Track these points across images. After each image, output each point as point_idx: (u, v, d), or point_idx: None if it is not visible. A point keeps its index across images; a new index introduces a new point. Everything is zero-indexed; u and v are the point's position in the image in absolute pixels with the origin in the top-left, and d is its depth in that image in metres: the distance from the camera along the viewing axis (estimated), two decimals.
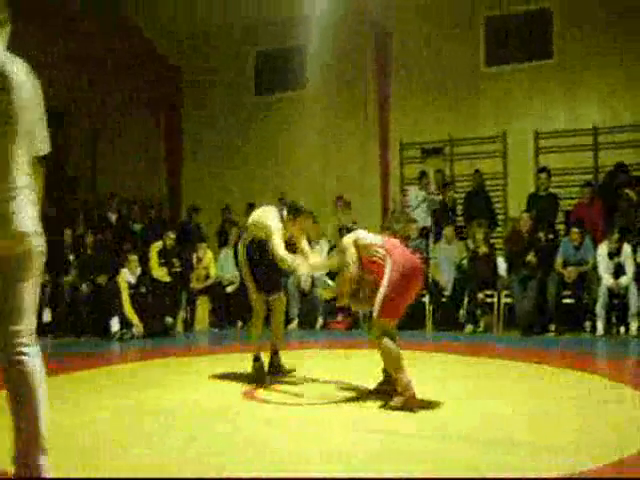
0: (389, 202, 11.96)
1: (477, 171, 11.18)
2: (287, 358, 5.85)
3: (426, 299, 9.51)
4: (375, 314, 4.44)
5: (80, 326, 9.47)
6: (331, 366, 5.75)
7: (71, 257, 10.08)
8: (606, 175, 10.48)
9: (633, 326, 8.31)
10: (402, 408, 4.25)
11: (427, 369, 5.79)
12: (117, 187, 12.86)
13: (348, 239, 4.75)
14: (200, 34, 13.45)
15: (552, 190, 10.38)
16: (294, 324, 9.83)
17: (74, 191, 14.20)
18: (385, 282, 4.41)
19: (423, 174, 11.38)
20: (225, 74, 13.69)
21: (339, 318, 9.96)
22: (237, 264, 5.59)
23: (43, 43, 12.40)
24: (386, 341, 4.38)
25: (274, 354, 5.66)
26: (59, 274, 9.67)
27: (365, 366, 5.82)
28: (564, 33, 11.43)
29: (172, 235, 10.14)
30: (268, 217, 5.25)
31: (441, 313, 9.60)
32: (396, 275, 4.40)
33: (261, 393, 4.91)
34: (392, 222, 10.61)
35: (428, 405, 4.53)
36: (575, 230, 9.03)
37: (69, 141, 14.44)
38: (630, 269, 8.52)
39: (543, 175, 10.27)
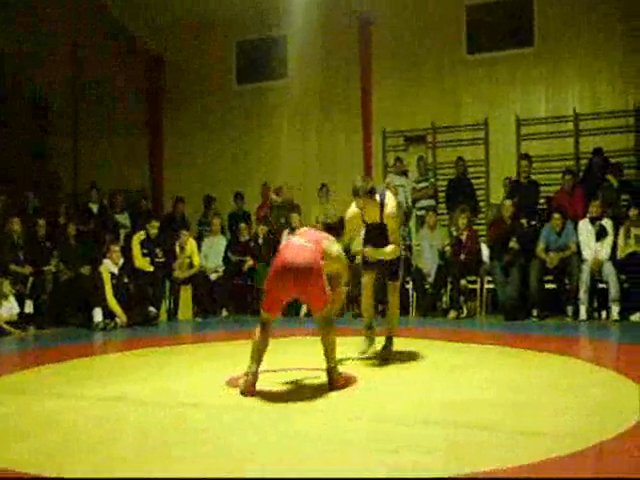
0: None
1: (460, 158, 11.22)
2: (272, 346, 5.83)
3: (409, 286, 9.56)
4: None
5: (63, 317, 9.43)
6: (315, 354, 5.74)
7: (48, 245, 10.00)
8: (588, 163, 10.57)
9: (614, 310, 8.39)
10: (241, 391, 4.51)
11: (410, 355, 5.81)
12: (99, 178, 12.79)
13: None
14: (182, 24, 13.36)
15: (533, 177, 10.45)
16: None
17: (56, 182, 14.09)
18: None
19: (397, 160, 11.44)
20: (207, 63, 13.61)
21: None
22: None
23: (23, 35, 12.36)
24: (255, 330, 4.63)
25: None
26: (39, 263, 9.59)
27: (349, 353, 5.84)
28: (545, 21, 11.48)
29: (155, 224, 10.10)
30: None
31: (424, 299, 9.64)
32: (271, 271, 4.68)
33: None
34: None
35: (411, 390, 4.56)
36: (557, 216, 9.09)
37: (50, 132, 14.34)
38: (610, 234, 8.69)
39: (524, 162, 10.31)
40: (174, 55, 13.80)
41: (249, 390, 4.46)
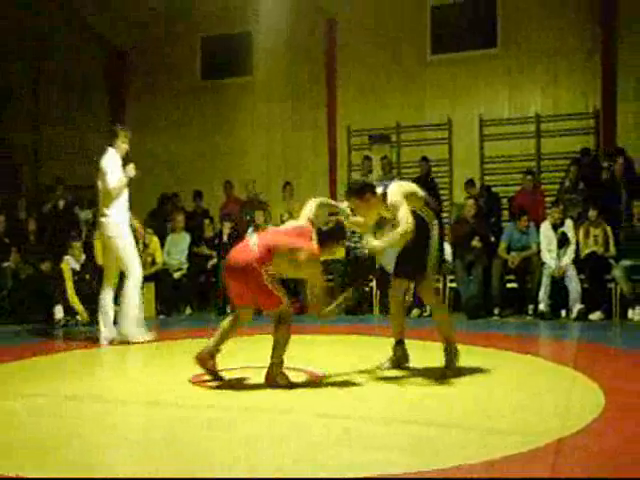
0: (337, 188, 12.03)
1: (424, 158, 11.29)
2: (237, 344, 5.81)
3: (373, 284, 9.60)
4: None
5: (23, 314, 9.28)
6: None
7: (7, 241, 9.85)
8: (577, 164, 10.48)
9: (575, 310, 8.52)
10: None
11: (375, 354, 5.83)
12: (61, 173, 12.59)
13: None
14: (146, 19, 13.21)
15: (496, 177, 10.59)
16: None
17: (16, 177, 13.84)
18: None
19: (366, 158, 11.49)
20: (171, 59, 13.52)
21: None
22: None
23: None
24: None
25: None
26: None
27: (315, 351, 5.85)
28: (508, 23, 11.64)
29: None
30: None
31: (388, 298, 9.65)
32: None
33: (209, 380, 4.89)
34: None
35: (374, 389, 4.59)
36: (524, 218, 9.22)
37: (12, 126, 14.07)
38: (572, 242, 8.82)
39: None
40: (138, 50, 13.67)
41: (200, 363, 4.81)
